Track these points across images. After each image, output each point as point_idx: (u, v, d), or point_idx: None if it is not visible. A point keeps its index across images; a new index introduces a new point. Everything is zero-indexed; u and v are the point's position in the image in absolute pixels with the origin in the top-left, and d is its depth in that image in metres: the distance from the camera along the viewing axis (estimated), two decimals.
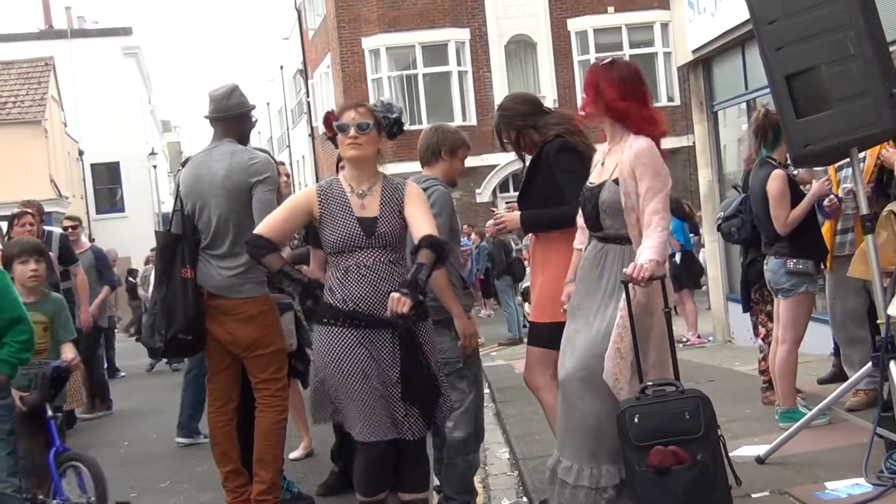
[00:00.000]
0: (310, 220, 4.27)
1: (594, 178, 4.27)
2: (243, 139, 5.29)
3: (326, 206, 4.19)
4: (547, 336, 4.63)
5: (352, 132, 4.18)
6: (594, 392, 4.05)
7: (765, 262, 6.09)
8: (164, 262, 5.09)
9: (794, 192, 5.88)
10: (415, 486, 4.30)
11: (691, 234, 13.29)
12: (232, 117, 5.24)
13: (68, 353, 5.16)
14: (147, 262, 16.42)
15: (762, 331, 6.74)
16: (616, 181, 4.13)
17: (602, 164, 4.26)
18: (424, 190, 4.53)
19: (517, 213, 4.91)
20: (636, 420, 3.85)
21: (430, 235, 4.08)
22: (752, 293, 6.76)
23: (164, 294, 5.03)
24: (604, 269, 4.18)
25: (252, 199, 5.03)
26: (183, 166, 5.32)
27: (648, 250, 3.92)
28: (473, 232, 19.96)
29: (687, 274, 12.55)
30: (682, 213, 13.26)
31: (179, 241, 5.08)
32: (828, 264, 6.04)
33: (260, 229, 4.29)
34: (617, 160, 4.17)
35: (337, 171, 4.97)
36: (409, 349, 4.10)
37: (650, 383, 3.94)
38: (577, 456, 4.10)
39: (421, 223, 4.16)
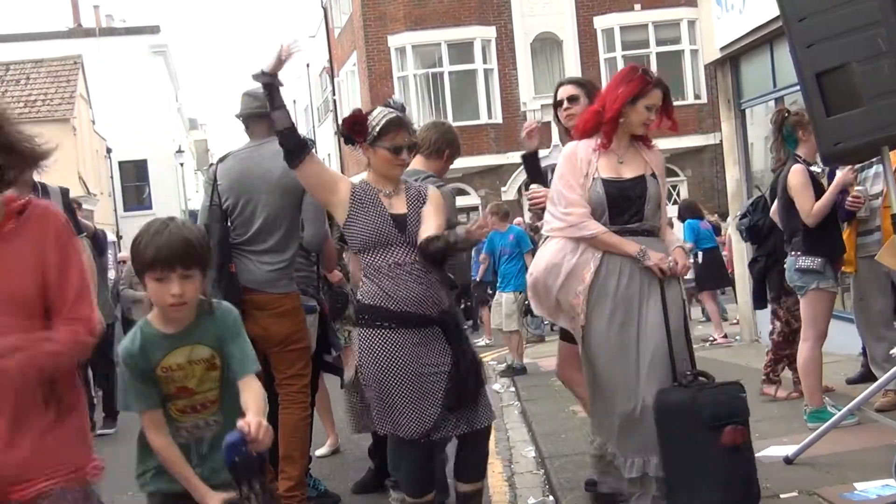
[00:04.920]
0: (335, 198, 4.25)
1: (627, 173, 4.34)
2: None
3: (358, 200, 4.21)
4: None
5: (404, 155, 4.25)
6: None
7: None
8: (221, 257, 5.06)
9: (817, 189, 5.86)
10: (473, 476, 4.37)
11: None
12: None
13: (250, 411, 2.88)
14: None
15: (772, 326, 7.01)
16: (653, 177, 4.36)
17: (620, 161, 4.35)
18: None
19: None
20: (709, 402, 3.98)
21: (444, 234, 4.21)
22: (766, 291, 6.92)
23: (222, 287, 4.97)
24: (635, 268, 4.24)
25: (304, 199, 5.06)
26: (220, 161, 5.32)
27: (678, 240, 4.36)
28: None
29: (709, 274, 12.51)
30: (698, 213, 13.22)
31: (227, 235, 5.11)
32: (853, 267, 6.02)
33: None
34: (643, 157, 4.38)
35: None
36: (458, 341, 4.16)
37: (688, 372, 4.13)
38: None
39: (433, 223, 4.24)
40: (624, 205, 4.28)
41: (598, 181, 4.29)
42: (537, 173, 5.16)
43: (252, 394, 2.98)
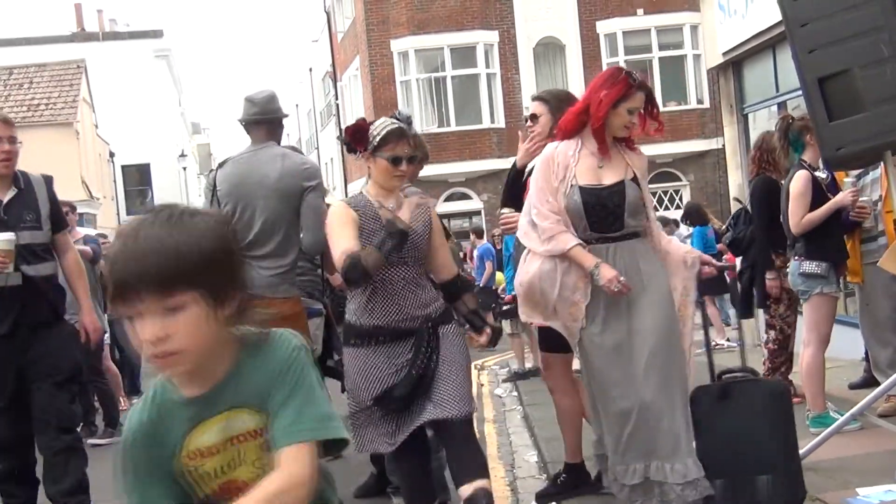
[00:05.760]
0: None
1: (607, 178, 4.31)
2: (278, 144, 5.37)
3: (363, 219, 4.21)
4: (559, 340, 4.63)
5: (404, 166, 4.21)
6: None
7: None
8: None
9: (821, 196, 5.87)
10: (470, 473, 4.09)
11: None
12: (275, 120, 5.33)
13: None
14: None
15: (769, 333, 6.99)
16: (633, 181, 4.32)
17: (600, 166, 4.32)
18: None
19: None
20: None
21: (463, 278, 4.41)
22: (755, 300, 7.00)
23: None
24: (625, 269, 4.24)
25: (301, 204, 5.09)
26: (220, 167, 5.34)
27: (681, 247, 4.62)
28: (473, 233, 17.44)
29: (710, 280, 12.46)
30: (704, 217, 13.23)
31: None
32: (860, 277, 6.01)
33: (344, 251, 4.07)
34: (625, 160, 4.35)
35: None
36: (420, 349, 4.12)
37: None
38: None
39: (447, 259, 4.40)
40: (602, 213, 4.26)
41: (575, 189, 4.27)
42: (513, 194, 5.13)
43: (271, 479, 1.79)
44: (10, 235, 4.91)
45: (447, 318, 4.29)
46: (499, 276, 13.80)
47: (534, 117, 5.09)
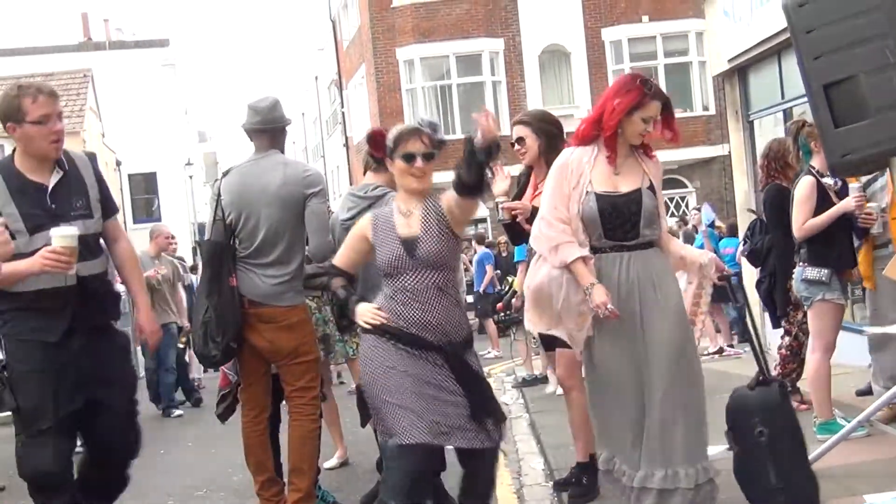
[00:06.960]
0: (369, 245, 4.26)
1: (623, 186, 4.29)
2: (281, 151, 5.39)
3: (378, 229, 4.22)
4: None
5: (419, 162, 4.18)
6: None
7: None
8: (214, 271, 5.13)
9: (827, 202, 5.86)
10: (477, 497, 4.28)
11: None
12: (277, 129, 5.35)
13: None
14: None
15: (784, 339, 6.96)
16: (650, 189, 4.31)
17: (616, 174, 4.30)
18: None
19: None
20: None
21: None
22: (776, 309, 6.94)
23: (216, 302, 5.06)
24: (638, 278, 4.25)
25: (305, 211, 5.12)
26: (224, 176, 5.36)
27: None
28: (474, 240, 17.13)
29: (716, 287, 12.46)
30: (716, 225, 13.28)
31: (225, 249, 5.14)
32: (872, 283, 6.00)
33: (335, 260, 4.41)
34: (642, 168, 4.34)
35: (364, 174, 5.43)
36: (461, 371, 4.12)
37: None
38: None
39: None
40: (617, 221, 4.25)
41: (591, 195, 4.26)
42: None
43: None
44: (73, 230, 4.04)
45: (469, 343, 4.30)
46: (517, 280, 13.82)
47: (520, 140, 5.24)
